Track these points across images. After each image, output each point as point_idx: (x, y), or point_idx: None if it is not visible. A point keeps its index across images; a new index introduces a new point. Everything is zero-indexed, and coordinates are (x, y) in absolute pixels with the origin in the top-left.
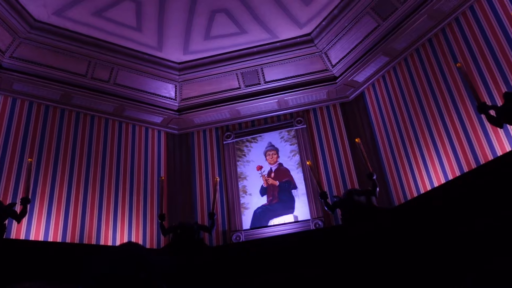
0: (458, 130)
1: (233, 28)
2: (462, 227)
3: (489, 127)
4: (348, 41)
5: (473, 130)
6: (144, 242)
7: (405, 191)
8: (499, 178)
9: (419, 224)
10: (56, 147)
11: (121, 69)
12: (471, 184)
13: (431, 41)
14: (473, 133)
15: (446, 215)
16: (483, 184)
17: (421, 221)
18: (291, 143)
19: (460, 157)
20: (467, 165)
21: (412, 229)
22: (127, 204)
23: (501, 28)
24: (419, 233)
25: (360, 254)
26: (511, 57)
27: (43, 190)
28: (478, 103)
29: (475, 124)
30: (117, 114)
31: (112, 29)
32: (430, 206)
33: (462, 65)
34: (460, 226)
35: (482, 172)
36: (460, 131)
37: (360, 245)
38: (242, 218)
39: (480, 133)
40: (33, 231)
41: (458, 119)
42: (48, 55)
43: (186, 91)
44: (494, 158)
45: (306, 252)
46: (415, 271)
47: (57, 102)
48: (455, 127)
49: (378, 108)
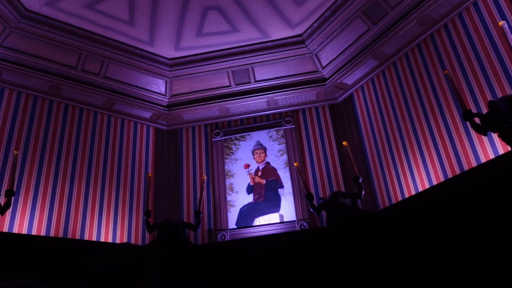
0: (444, 136)
1: (225, 26)
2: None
3: (473, 134)
4: (338, 43)
5: (458, 137)
6: (129, 239)
7: (390, 195)
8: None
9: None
10: (43, 139)
11: (111, 62)
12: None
13: (420, 46)
14: (458, 139)
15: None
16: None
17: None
18: (279, 142)
19: (445, 162)
20: (451, 171)
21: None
22: (113, 199)
23: (488, 37)
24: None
25: (344, 257)
26: (497, 65)
27: (28, 183)
28: (464, 111)
29: (460, 131)
30: (106, 107)
31: (104, 22)
32: (413, 210)
33: (449, 73)
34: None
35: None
36: (445, 137)
37: (344, 248)
38: (228, 215)
39: (465, 140)
40: (16, 224)
41: (444, 125)
42: (39, 45)
43: (176, 87)
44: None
45: (290, 253)
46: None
47: (46, 93)
48: (440, 133)
49: (366, 111)
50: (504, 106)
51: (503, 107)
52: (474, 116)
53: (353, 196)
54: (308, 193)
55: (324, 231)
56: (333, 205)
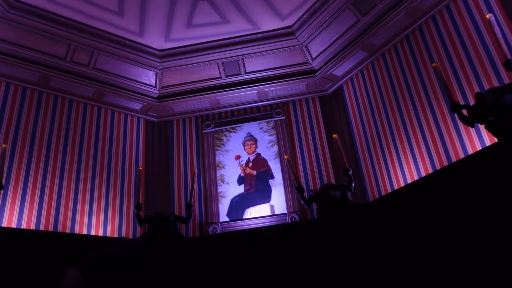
0: (432, 128)
1: (216, 17)
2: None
3: (461, 126)
4: (328, 35)
5: (446, 129)
6: (120, 232)
7: (379, 187)
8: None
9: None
10: (33, 131)
11: (101, 53)
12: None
13: (408, 38)
14: (446, 131)
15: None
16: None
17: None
18: (270, 134)
19: (433, 154)
20: (439, 162)
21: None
22: (104, 193)
23: (475, 28)
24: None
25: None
26: (484, 58)
27: (17, 176)
28: (451, 103)
29: (448, 123)
30: (96, 99)
31: (93, 13)
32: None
33: (437, 66)
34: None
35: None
36: (433, 129)
37: (333, 239)
38: (219, 206)
39: (452, 132)
40: (5, 218)
41: (432, 117)
42: (27, 36)
43: (166, 78)
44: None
45: (281, 245)
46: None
47: (35, 84)
48: (429, 125)
49: (355, 102)
50: (491, 98)
51: (490, 99)
52: (461, 108)
53: (343, 188)
54: (298, 185)
55: (315, 223)
56: (323, 197)
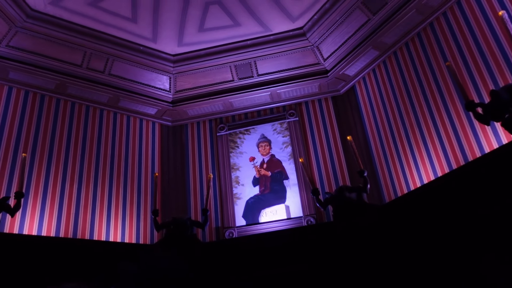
0: (447, 127)
1: (227, 21)
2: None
3: (477, 124)
4: (339, 35)
5: (462, 127)
6: (138, 238)
7: (395, 188)
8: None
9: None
10: (51, 137)
11: (116, 60)
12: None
13: (420, 35)
14: (462, 130)
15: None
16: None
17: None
18: (283, 135)
19: (449, 153)
20: (455, 162)
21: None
22: (121, 199)
23: (488, 24)
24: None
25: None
26: (498, 54)
27: (37, 184)
28: (466, 101)
29: (463, 121)
30: (112, 104)
31: (108, 20)
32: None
33: (451, 64)
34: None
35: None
36: (449, 128)
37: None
38: (235, 208)
39: (468, 130)
40: (26, 226)
41: (447, 116)
42: (44, 44)
43: (180, 83)
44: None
45: (297, 248)
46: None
47: (53, 91)
48: (444, 124)
49: (368, 101)
50: (506, 95)
51: (505, 96)
52: (476, 106)
53: (359, 190)
54: (314, 188)
55: (331, 225)
56: (339, 199)
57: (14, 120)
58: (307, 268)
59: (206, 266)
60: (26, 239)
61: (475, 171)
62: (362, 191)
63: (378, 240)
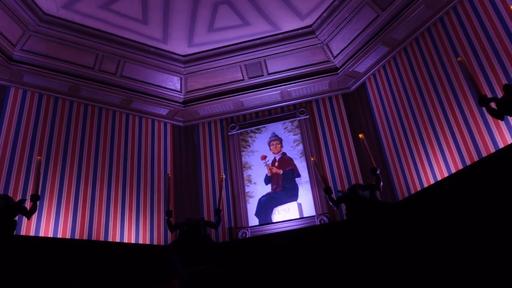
0: (460, 123)
1: (236, 20)
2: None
3: (490, 120)
4: (348, 32)
5: (475, 123)
6: (151, 239)
7: (408, 185)
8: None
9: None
10: (65, 140)
11: (127, 61)
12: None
13: (430, 30)
14: (475, 125)
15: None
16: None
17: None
18: (294, 133)
19: (463, 150)
20: (469, 158)
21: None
22: (134, 200)
23: (499, 18)
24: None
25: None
26: (509, 47)
27: (52, 187)
28: (479, 96)
29: (476, 117)
30: (124, 106)
31: (119, 22)
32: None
33: (462, 59)
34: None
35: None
36: (461, 124)
37: (365, 239)
38: (248, 206)
39: (481, 126)
40: (42, 228)
41: (459, 111)
42: (57, 47)
43: (191, 83)
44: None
45: (311, 247)
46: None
47: (66, 94)
48: (456, 120)
49: (379, 98)
50: None
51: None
52: (489, 101)
53: (372, 188)
54: (326, 187)
55: (344, 224)
56: (352, 197)
57: (29, 123)
58: (321, 268)
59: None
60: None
61: (490, 167)
62: (375, 189)
63: (393, 238)
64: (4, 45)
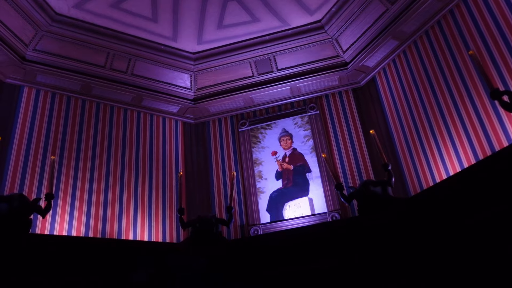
0: (472, 117)
1: (245, 17)
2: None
3: (503, 113)
4: (357, 26)
5: (487, 116)
6: (164, 236)
7: (420, 180)
8: None
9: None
10: (78, 138)
11: (138, 60)
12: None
13: (440, 23)
14: (487, 119)
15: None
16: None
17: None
18: (304, 128)
19: (475, 144)
20: (482, 153)
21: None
22: (147, 198)
23: (510, 8)
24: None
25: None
26: None
27: (65, 185)
28: (491, 89)
29: (488, 110)
30: (135, 104)
31: (129, 21)
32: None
33: (474, 53)
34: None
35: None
36: (473, 118)
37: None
38: (259, 202)
39: (494, 119)
40: (57, 226)
41: (471, 105)
42: (69, 47)
43: (201, 80)
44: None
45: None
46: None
47: (78, 93)
48: (468, 113)
49: (389, 92)
50: None
51: None
52: (502, 94)
53: (384, 184)
54: (337, 183)
55: (356, 220)
56: (364, 193)
57: (43, 122)
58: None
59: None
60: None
61: (503, 161)
62: (387, 185)
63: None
64: (17, 45)
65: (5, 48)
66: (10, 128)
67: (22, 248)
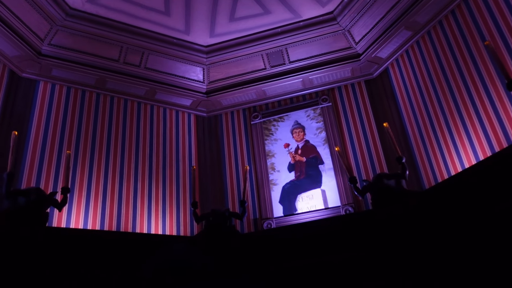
0: (487, 108)
1: (257, 9)
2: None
3: None
4: (370, 17)
5: (503, 108)
6: (178, 230)
7: (435, 173)
8: None
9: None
10: (93, 132)
11: (151, 53)
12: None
13: (454, 12)
14: (503, 110)
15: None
16: None
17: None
18: (317, 120)
19: (491, 136)
20: (498, 145)
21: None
22: (161, 192)
23: None
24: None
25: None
26: None
27: (81, 179)
28: (507, 80)
29: (504, 102)
30: (149, 97)
31: (142, 14)
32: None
33: (490, 43)
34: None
35: None
36: (489, 109)
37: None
38: (272, 194)
39: (510, 111)
40: (73, 220)
41: (486, 96)
42: (83, 41)
43: (213, 73)
44: None
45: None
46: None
47: (93, 86)
48: (484, 105)
49: (403, 84)
50: None
51: None
52: None
53: (397, 177)
54: (351, 176)
55: (370, 213)
56: (377, 186)
57: (58, 116)
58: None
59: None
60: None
61: None
62: (401, 177)
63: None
64: (33, 40)
65: (21, 43)
66: (27, 123)
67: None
